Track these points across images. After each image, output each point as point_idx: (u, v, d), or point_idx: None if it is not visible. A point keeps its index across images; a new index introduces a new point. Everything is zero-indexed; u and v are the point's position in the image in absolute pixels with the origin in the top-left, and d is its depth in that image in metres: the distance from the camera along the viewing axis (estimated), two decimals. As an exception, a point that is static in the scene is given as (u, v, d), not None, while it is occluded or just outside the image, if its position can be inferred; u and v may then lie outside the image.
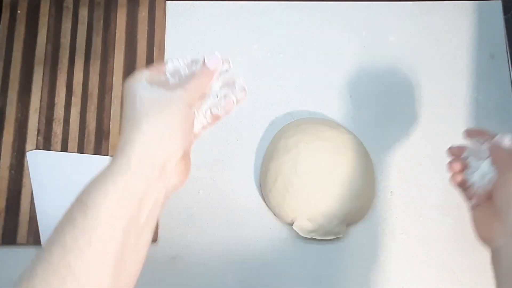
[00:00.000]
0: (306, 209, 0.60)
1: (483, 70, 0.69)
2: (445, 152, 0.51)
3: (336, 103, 0.67)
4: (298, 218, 0.60)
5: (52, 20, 0.70)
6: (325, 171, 0.60)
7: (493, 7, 0.71)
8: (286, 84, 0.68)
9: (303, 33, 0.70)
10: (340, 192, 0.59)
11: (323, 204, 0.59)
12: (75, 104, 0.67)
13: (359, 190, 0.60)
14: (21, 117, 0.66)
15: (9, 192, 0.63)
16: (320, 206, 0.59)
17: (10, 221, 0.62)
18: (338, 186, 0.59)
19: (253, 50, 0.70)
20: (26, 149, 0.65)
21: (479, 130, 0.46)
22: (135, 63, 0.68)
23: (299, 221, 0.60)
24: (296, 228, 0.60)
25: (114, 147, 0.65)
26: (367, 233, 0.62)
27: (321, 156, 0.60)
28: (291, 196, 0.60)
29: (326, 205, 0.59)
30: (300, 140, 0.61)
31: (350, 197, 0.60)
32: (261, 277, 0.61)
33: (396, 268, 0.61)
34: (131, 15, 0.70)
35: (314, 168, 0.60)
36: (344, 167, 0.60)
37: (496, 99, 0.68)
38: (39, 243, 0.61)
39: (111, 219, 0.32)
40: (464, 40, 0.70)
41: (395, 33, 0.70)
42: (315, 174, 0.60)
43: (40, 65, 0.68)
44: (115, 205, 0.32)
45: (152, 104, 0.34)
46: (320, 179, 0.59)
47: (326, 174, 0.60)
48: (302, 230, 0.60)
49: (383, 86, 0.68)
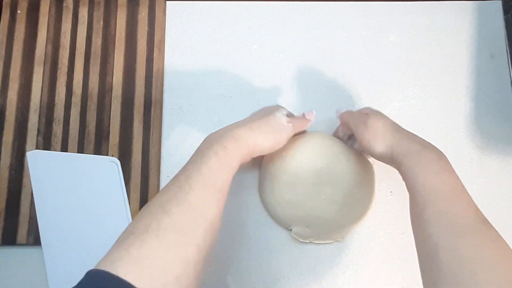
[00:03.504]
0: (304, 217, 0.59)
1: (483, 70, 0.69)
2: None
3: (336, 103, 0.67)
4: (296, 225, 0.60)
5: (52, 20, 0.70)
6: (322, 179, 0.58)
7: (493, 7, 0.71)
8: (286, 84, 0.68)
9: (303, 33, 0.70)
10: (338, 199, 0.59)
11: (321, 212, 0.59)
12: (75, 104, 0.67)
13: (357, 196, 0.60)
14: (21, 117, 0.66)
15: (9, 192, 0.63)
16: (318, 214, 0.59)
17: (10, 221, 0.62)
18: (335, 194, 0.59)
19: (253, 50, 0.70)
20: (26, 149, 0.65)
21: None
22: (135, 63, 0.68)
23: (297, 228, 0.60)
24: (294, 234, 0.60)
25: (114, 147, 0.65)
26: (367, 233, 0.62)
27: (317, 164, 0.59)
28: (288, 206, 0.59)
29: (323, 213, 0.59)
30: (296, 149, 0.59)
31: (350, 203, 0.59)
32: (261, 277, 0.61)
33: (396, 268, 0.61)
34: (131, 15, 0.70)
35: (310, 177, 0.58)
36: (341, 174, 0.59)
37: (496, 99, 0.68)
38: (39, 243, 0.61)
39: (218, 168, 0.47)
40: (464, 40, 0.70)
41: (395, 33, 0.70)
42: (311, 182, 0.58)
43: (40, 65, 0.68)
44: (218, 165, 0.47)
45: (275, 124, 0.54)
46: (317, 188, 0.58)
47: (323, 182, 0.58)
48: (300, 236, 0.60)
49: (383, 86, 0.68)
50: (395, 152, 0.50)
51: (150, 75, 0.68)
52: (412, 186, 0.47)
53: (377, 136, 0.52)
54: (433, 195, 0.45)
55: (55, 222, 0.62)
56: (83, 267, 0.60)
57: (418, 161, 0.47)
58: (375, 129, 0.53)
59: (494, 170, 0.65)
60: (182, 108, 0.67)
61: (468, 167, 0.65)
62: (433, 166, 0.47)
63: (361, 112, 0.58)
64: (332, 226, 0.60)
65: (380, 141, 0.52)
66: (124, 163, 0.64)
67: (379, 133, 0.52)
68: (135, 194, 0.63)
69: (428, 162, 0.47)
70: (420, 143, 0.50)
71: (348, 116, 0.59)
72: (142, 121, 0.66)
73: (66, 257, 0.60)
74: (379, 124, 0.53)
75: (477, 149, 0.66)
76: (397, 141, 0.51)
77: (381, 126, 0.53)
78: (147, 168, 0.64)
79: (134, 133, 0.65)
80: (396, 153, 0.50)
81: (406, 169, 0.48)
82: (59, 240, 0.61)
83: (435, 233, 0.42)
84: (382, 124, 0.53)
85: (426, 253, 0.43)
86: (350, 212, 0.60)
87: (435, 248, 0.41)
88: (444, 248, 0.41)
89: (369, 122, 0.53)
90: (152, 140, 0.65)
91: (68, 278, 0.60)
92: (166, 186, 0.45)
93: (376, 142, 0.52)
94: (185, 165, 0.47)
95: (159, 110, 0.66)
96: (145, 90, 0.67)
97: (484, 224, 0.42)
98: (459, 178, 0.47)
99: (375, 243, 0.62)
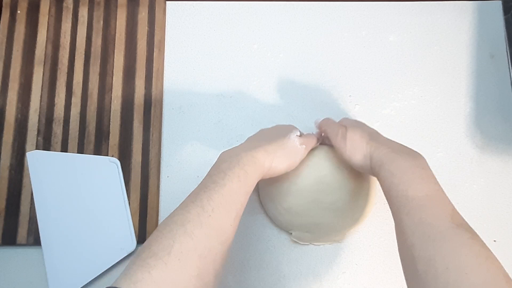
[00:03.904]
0: (304, 224, 0.59)
1: (483, 70, 0.69)
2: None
3: (335, 103, 0.67)
4: (296, 231, 0.60)
5: (52, 20, 0.70)
6: (322, 188, 0.58)
7: (493, 7, 0.71)
8: (286, 84, 0.68)
9: (303, 33, 0.70)
10: (339, 207, 0.58)
11: (321, 219, 0.59)
12: (75, 104, 0.67)
13: (358, 202, 0.60)
14: (21, 117, 0.66)
15: (9, 192, 0.63)
16: (318, 221, 0.59)
17: (10, 221, 0.62)
18: (336, 202, 0.58)
19: (253, 50, 0.70)
20: (26, 149, 0.65)
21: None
22: (135, 63, 0.68)
23: (297, 232, 0.60)
24: (295, 238, 0.61)
25: (114, 147, 0.65)
26: (367, 233, 0.62)
27: (317, 173, 0.58)
28: (288, 213, 0.59)
29: (324, 220, 0.59)
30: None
31: (350, 209, 0.59)
32: (261, 277, 0.61)
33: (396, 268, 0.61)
34: (131, 15, 0.70)
35: (311, 185, 0.58)
36: (341, 182, 0.58)
37: (496, 99, 0.68)
38: (39, 243, 0.61)
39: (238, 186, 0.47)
40: (464, 40, 0.70)
41: (395, 33, 0.70)
42: (312, 190, 0.58)
43: (40, 65, 0.68)
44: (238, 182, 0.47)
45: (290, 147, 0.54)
46: (318, 196, 0.58)
47: (324, 191, 0.58)
48: (301, 239, 0.61)
49: (382, 86, 0.68)
50: (373, 162, 0.50)
51: (150, 75, 0.68)
52: (388, 197, 0.47)
53: (355, 148, 0.53)
54: (407, 206, 0.44)
55: (55, 222, 0.62)
56: (83, 267, 0.60)
57: (392, 170, 0.47)
58: (353, 141, 0.53)
59: (494, 170, 0.65)
60: (182, 108, 0.67)
61: (468, 167, 0.65)
62: (407, 175, 0.46)
63: (339, 124, 0.57)
64: (332, 230, 0.60)
65: (358, 153, 0.52)
66: (124, 163, 0.64)
67: (357, 145, 0.53)
68: (135, 194, 0.63)
69: (402, 171, 0.47)
70: (395, 150, 0.50)
71: (326, 127, 0.59)
72: (142, 121, 0.66)
73: (66, 257, 0.60)
74: (357, 137, 0.53)
75: (477, 149, 0.66)
76: (373, 151, 0.51)
77: (358, 138, 0.53)
78: (147, 168, 0.64)
79: (134, 133, 0.65)
80: (373, 163, 0.50)
81: (382, 180, 0.48)
82: (59, 240, 0.61)
83: (412, 244, 0.42)
84: (360, 136, 0.53)
85: (406, 265, 0.43)
86: (351, 217, 0.60)
87: (413, 260, 0.41)
88: (420, 259, 0.40)
89: (347, 136, 0.54)
90: (152, 140, 0.65)
91: (68, 278, 0.60)
92: (186, 203, 0.44)
93: (355, 154, 0.52)
94: (204, 181, 0.47)
95: (159, 110, 0.66)
96: (145, 90, 0.67)
97: (458, 228, 0.41)
98: (435, 181, 0.46)
99: (375, 243, 0.62)
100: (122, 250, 0.61)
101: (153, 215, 0.63)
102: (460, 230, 0.41)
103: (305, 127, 0.66)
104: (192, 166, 0.65)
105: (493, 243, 0.62)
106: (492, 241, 0.62)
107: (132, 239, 0.61)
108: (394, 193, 0.46)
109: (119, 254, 0.60)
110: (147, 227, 0.62)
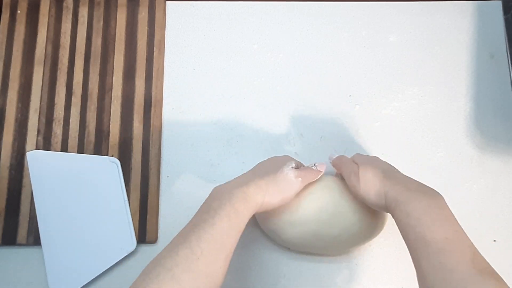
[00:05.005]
0: (305, 250, 0.60)
1: (483, 70, 0.69)
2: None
3: (335, 103, 0.67)
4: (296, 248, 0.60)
5: (52, 20, 0.70)
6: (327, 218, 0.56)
7: (493, 7, 0.71)
8: (286, 84, 0.68)
9: (303, 33, 0.70)
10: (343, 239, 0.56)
11: (324, 250, 0.59)
12: (75, 104, 0.67)
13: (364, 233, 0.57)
14: (21, 117, 0.66)
15: (9, 192, 0.63)
16: (320, 251, 0.59)
17: (10, 221, 0.62)
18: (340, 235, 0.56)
19: (253, 50, 0.70)
20: (26, 149, 0.65)
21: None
22: (135, 63, 0.68)
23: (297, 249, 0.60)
24: (295, 252, 0.61)
25: (114, 147, 0.65)
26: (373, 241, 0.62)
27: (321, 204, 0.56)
28: (289, 242, 0.58)
29: (327, 250, 0.59)
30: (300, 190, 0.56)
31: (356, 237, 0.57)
32: (261, 277, 0.61)
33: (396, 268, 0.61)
34: (131, 15, 0.70)
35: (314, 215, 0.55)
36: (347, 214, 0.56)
37: (496, 99, 0.68)
38: (39, 243, 0.61)
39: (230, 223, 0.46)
40: (464, 40, 0.70)
41: (395, 33, 0.70)
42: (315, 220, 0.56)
43: (40, 65, 0.68)
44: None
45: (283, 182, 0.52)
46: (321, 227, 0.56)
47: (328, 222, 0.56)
48: (301, 254, 0.61)
49: (382, 86, 0.68)
50: (387, 201, 0.49)
51: (150, 75, 0.68)
52: (406, 239, 0.46)
53: (368, 187, 0.51)
54: (425, 250, 0.43)
55: (55, 222, 0.62)
56: (83, 267, 0.60)
57: (409, 211, 0.46)
58: (366, 180, 0.51)
59: (494, 170, 0.65)
60: (182, 108, 0.67)
61: (468, 167, 0.65)
62: (424, 217, 0.45)
63: (352, 161, 0.56)
64: (335, 253, 0.61)
65: (372, 192, 0.51)
66: (124, 163, 0.64)
67: (370, 184, 0.51)
68: (135, 194, 0.63)
69: (419, 212, 0.45)
70: (411, 189, 0.48)
71: (340, 164, 0.58)
72: (142, 121, 0.66)
73: (66, 257, 0.60)
74: (369, 175, 0.52)
75: (477, 149, 0.66)
76: (388, 190, 0.49)
77: (371, 177, 0.51)
78: (147, 168, 0.64)
79: (134, 133, 0.65)
80: (388, 202, 0.49)
81: (397, 220, 0.47)
82: (59, 240, 0.61)
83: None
84: (372, 174, 0.52)
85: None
86: (355, 243, 0.59)
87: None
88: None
89: (360, 174, 0.52)
90: (152, 140, 0.65)
91: (68, 278, 0.60)
92: (174, 243, 0.44)
93: (369, 193, 0.51)
94: (194, 219, 0.47)
95: (159, 110, 0.66)
96: (145, 90, 0.67)
97: (480, 275, 0.39)
98: (454, 222, 0.45)
99: (375, 243, 0.62)
100: (122, 250, 0.61)
101: (153, 215, 0.63)
102: (484, 277, 0.40)
103: (305, 127, 0.66)
104: (192, 166, 0.65)
105: (493, 243, 0.62)
106: (492, 241, 0.62)
107: (132, 239, 0.61)
108: (411, 236, 0.45)
109: (119, 254, 0.60)
110: (147, 227, 0.62)
